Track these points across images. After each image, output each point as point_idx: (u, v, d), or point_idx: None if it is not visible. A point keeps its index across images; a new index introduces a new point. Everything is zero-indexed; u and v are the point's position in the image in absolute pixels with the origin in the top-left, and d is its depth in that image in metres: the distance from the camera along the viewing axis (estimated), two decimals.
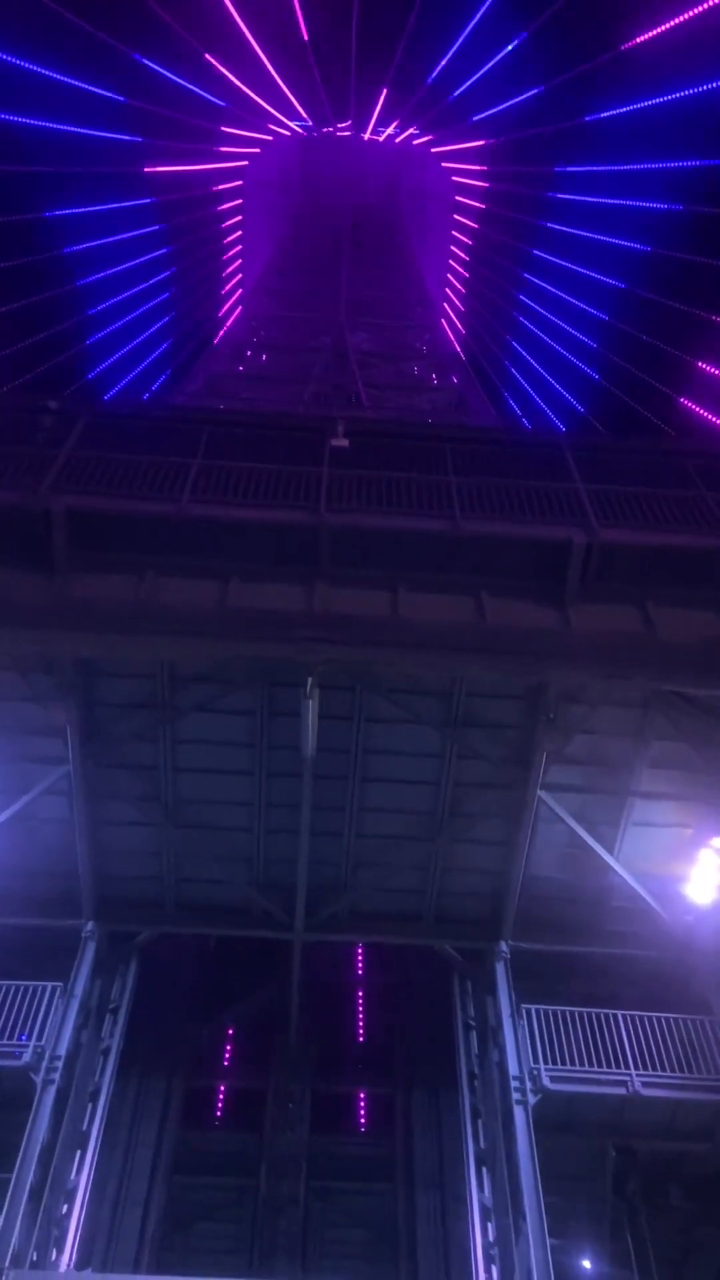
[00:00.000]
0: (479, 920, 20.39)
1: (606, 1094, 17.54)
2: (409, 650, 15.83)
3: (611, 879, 19.45)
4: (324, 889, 20.15)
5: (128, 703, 18.23)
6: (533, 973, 19.60)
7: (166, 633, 15.79)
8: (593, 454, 19.24)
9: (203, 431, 18.56)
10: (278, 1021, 23.86)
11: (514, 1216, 16.24)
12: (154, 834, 19.73)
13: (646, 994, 19.15)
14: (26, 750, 18.33)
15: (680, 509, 17.24)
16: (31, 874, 19.55)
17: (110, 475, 16.78)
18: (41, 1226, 16.01)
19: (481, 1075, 19.37)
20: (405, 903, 20.69)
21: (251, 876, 20.27)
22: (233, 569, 16.24)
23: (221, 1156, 22.62)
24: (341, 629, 15.61)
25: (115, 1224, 19.58)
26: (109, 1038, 19.50)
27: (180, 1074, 22.69)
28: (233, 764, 19.00)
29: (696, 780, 18.07)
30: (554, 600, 16.24)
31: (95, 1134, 18.06)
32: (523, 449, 20.08)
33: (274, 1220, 21.21)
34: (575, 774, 18.71)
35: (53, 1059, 17.43)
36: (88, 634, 15.78)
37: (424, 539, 16.57)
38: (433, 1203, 20.51)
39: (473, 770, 18.92)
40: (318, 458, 17.80)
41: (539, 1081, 17.44)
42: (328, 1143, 22.83)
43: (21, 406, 20.96)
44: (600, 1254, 18.79)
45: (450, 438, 19.77)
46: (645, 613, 16.13)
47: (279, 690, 17.83)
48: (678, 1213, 18.98)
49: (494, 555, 16.58)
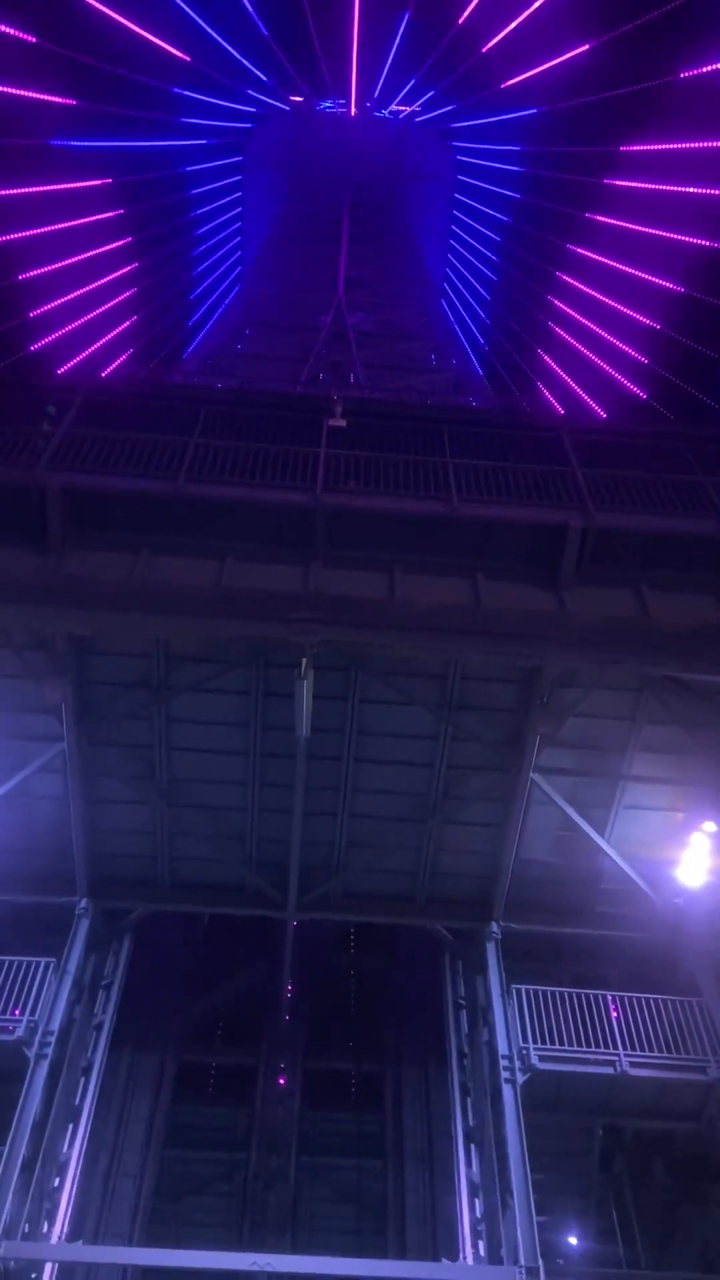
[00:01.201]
0: (470, 901, 20.49)
1: (595, 1074, 17.68)
2: (404, 632, 15.82)
3: (602, 861, 19.56)
4: (317, 868, 20.23)
5: (123, 681, 18.23)
6: (523, 953, 19.76)
7: (161, 611, 15.78)
8: (590, 438, 19.24)
9: (199, 410, 18.48)
10: (269, 999, 24.11)
11: (502, 1193, 16.42)
12: (148, 812, 19.78)
13: (635, 975, 19.35)
14: (21, 728, 18.36)
15: (676, 494, 17.25)
16: (26, 851, 19.63)
17: (106, 453, 16.71)
18: (33, 1199, 16.16)
19: (471, 1054, 19.53)
20: (397, 883, 20.79)
21: (245, 855, 20.36)
22: (228, 548, 16.21)
23: (213, 1131, 22.88)
24: (337, 610, 15.59)
25: (106, 1197, 19.83)
26: (102, 1013, 19.64)
27: (172, 1049, 22.91)
28: (227, 743, 19.04)
29: (688, 765, 18.19)
30: (549, 584, 16.25)
31: (87, 1108, 18.23)
32: (520, 432, 20.00)
33: (264, 1194, 21.51)
34: (568, 757, 18.77)
35: (46, 1034, 17.53)
36: (83, 611, 15.77)
37: (421, 521, 16.57)
38: (421, 1179, 20.78)
39: (466, 752, 18.98)
40: (315, 438, 17.75)
41: (528, 1060, 17.59)
42: (318, 1118, 23.13)
43: (17, 384, 20.89)
44: (586, 1230, 19.11)
45: (448, 420, 19.75)
46: (640, 597, 16.15)
47: (274, 670, 17.85)
48: (662, 1190, 19.27)
49: (490, 538, 16.59)
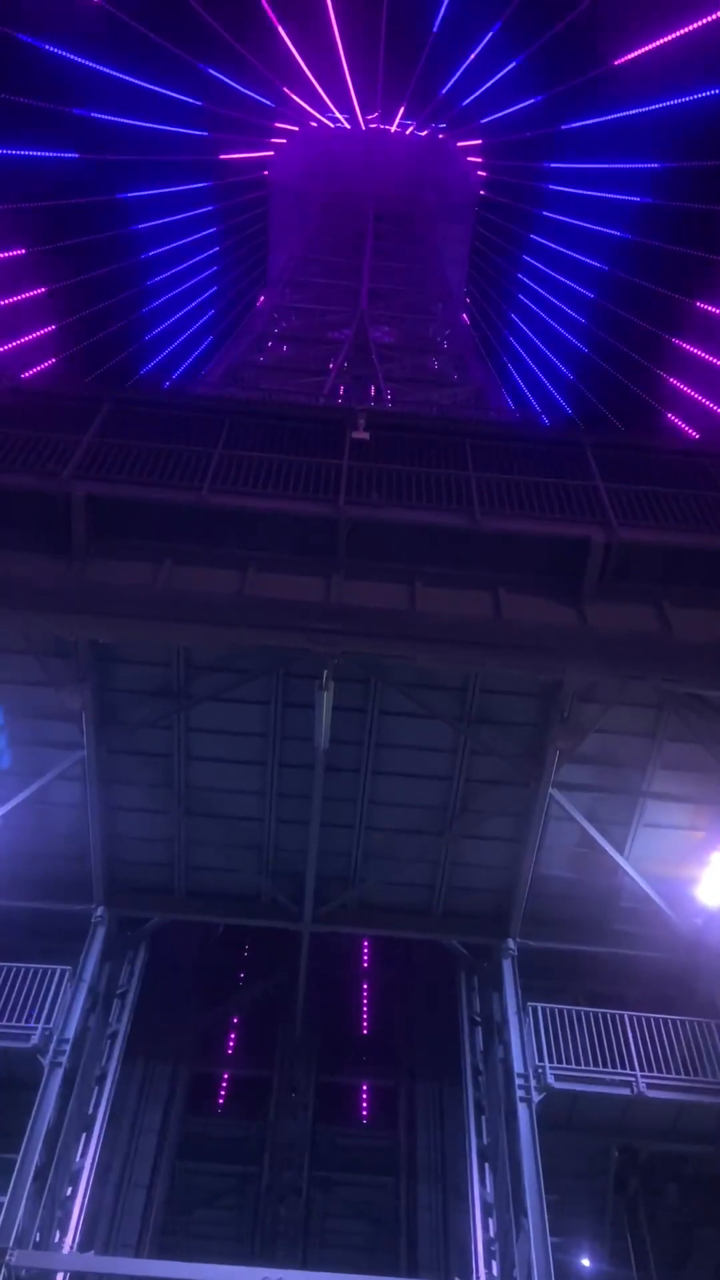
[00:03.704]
0: (487, 916, 20.37)
1: (611, 1094, 17.47)
2: (425, 644, 15.78)
3: (621, 879, 19.43)
4: (333, 880, 20.20)
5: (143, 689, 18.29)
6: (539, 970, 19.61)
7: (183, 620, 15.77)
8: (613, 452, 19.12)
9: (224, 421, 18.52)
10: (284, 1011, 24.01)
11: (515, 1213, 16.26)
12: (166, 821, 19.81)
13: (653, 995, 19.16)
14: (41, 734, 18.45)
15: (700, 509, 17.13)
16: (43, 858, 19.70)
17: (132, 462, 16.78)
18: (46, 1208, 16.13)
19: (486, 1071, 19.38)
20: (413, 896, 20.71)
21: (261, 866, 20.34)
22: (251, 559, 16.21)
23: (225, 1143, 22.77)
24: (358, 621, 15.55)
25: (118, 1207, 19.74)
26: (116, 1022, 19.63)
27: (186, 1060, 22.85)
28: (245, 753, 19.05)
29: (709, 783, 18.02)
30: (571, 598, 16.15)
31: (101, 1117, 18.20)
32: (543, 445, 19.95)
33: (275, 1208, 21.37)
34: (587, 773, 18.67)
35: (60, 1042, 17.52)
36: (104, 619, 15.79)
37: (443, 533, 16.53)
38: (434, 1196, 20.59)
39: (485, 766, 18.91)
40: (338, 450, 17.76)
41: (543, 1079, 17.40)
42: (331, 1133, 22.98)
43: (41, 392, 21.05)
44: (600, 1252, 18.83)
45: (471, 432, 19.70)
46: (662, 612, 16.03)
47: (293, 681, 17.87)
48: (678, 1213, 18.99)
49: (512, 551, 16.51)
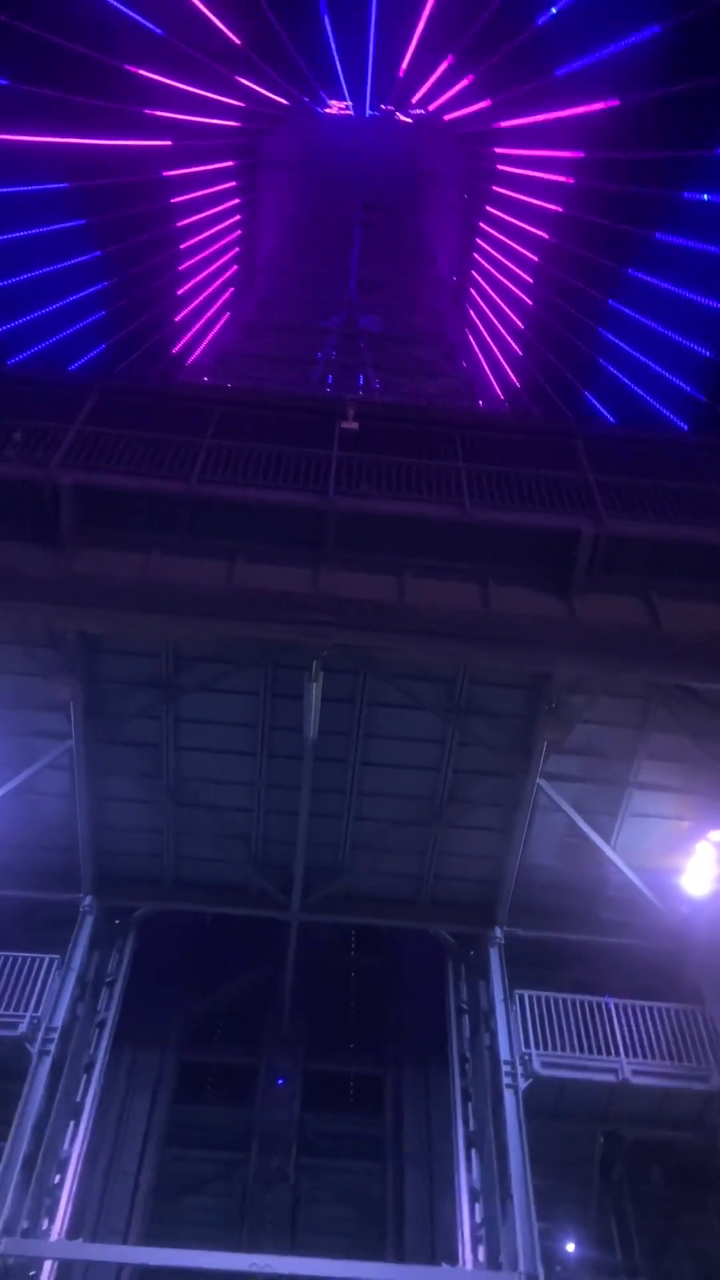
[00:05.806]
0: (474, 905, 20.51)
1: (596, 1081, 17.68)
2: (414, 636, 15.80)
3: (608, 869, 19.55)
4: (321, 870, 20.26)
5: (131, 680, 18.27)
6: (526, 959, 19.76)
7: (172, 611, 15.77)
8: (603, 444, 19.20)
9: (212, 411, 18.49)
10: (271, 999, 24.07)
11: (502, 1198, 16.43)
12: (154, 811, 19.82)
13: (639, 983, 19.32)
14: (30, 725, 18.42)
15: (689, 502, 17.19)
16: (32, 847, 19.70)
17: (120, 452, 16.73)
18: (34, 1196, 16.21)
19: (473, 1059, 19.51)
20: (401, 886, 20.81)
21: (249, 856, 20.38)
22: (240, 549, 16.22)
23: (212, 1130, 22.81)
24: (347, 613, 15.58)
25: (106, 1195, 19.81)
26: (104, 1011, 19.69)
27: (174, 1048, 22.91)
28: (234, 744, 19.07)
29: (695, 773, 18.15)
30: (560, 590, 16.23)
31: (89, 1105, 18.26)
32: (533, 437, 19.98)
33: (263, 1195, 21.44)
34: (575, 764, 18.78)
35: (49, 1030, 17.62)
36: (93, 610, 15.77)
37: (432, 525, 16.55)
38: (421, 1182, 20.73)
39: (473, 757, 18.98)
40: (327, 440, 17.74)
41: (530, 1066, 17.61)
42: (318, 1120, 23.04)
43: (31, 381, 20.94)
44: (585, 1237, 19.04)
45: (461, 424, 19.72)
46: (650, 605, 16.11)
47: (282, 672, 17.87)
48: (662, 1198, 19.21)
49: (501, 543, 16.54)
